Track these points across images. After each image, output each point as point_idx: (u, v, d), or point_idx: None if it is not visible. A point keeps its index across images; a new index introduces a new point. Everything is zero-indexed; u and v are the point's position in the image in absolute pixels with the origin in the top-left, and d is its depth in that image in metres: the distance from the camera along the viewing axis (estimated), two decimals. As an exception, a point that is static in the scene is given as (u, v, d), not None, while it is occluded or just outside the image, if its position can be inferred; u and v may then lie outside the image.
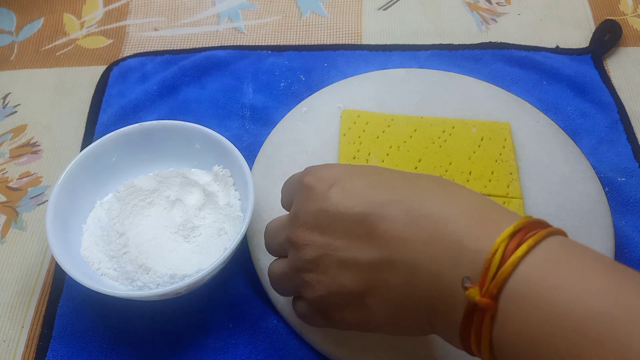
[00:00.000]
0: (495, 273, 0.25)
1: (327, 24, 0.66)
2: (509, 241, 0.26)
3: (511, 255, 0.25)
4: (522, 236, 0.26)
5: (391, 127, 0.51)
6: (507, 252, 0.25)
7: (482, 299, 0.25)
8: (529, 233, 0.26)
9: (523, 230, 0.26)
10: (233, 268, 0.46)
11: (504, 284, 0.25)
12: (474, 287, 0.26)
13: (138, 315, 0.44)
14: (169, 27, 0.66)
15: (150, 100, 0.58)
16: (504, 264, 0.25)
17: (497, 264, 0.25)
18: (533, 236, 0.26)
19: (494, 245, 0.26)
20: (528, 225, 0.26)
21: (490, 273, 0.25)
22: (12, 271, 0.48)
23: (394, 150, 0.49)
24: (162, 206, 0.47)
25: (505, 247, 0.25)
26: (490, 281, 0.25)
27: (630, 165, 0.52)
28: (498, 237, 0.26)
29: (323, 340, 0.41)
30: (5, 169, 0.54)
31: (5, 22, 0.67)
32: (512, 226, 0.26)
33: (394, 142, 0.50)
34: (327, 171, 0.33)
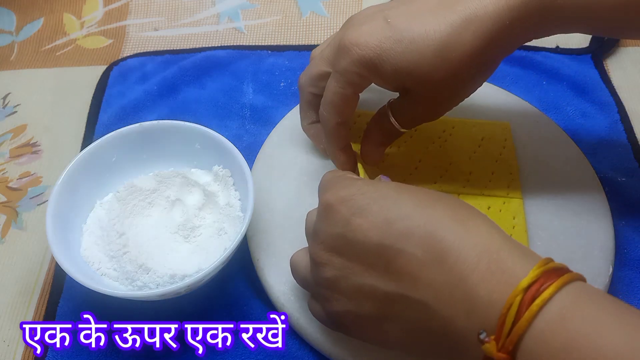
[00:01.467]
0: (511, 329, 0.25)
1: (327, 24, 0.66)
2: (524, 295, 0.25)
3: (526, 311, 0.25)
4: (538, 288, 0.26)
5: None
6: (521, 306, 0.25)
7: (499, 355, 0.25)
8: (544, 284, 0.26)
9: (539, 282, 0.26)
10: (233, 268, 0.46)
11: (519, 341, 0.25)
12: (491, 341, 0.26)
13: (138, 315, 0.44)
14: (169, 27, 0.66)
15: (150, 100, 0.58)
16: (519, 319, 0.25)
17: (512, 319, 0.25)
18: (548, 289, 0.25)
19: (509, 299, 0.26)
20: (544, 275, 0.26)
21: (505, 329, 0.25)
22: (12, 271, 0.48)
23: (394, 151, 0.49)
24: (162, 206, 0.47)
25: (520, 301, 0.25)
26: (506, 337, 0.25)
27: (630, 165, 0.52)
28: (513, 290, 0.26)
29: (323, 340, 0.41)
30: (5, 169, 0.54)
31: (5, 22, 0.67)
32: (527, 279, 0.26)
33: (394, 142, 0.50)
34: (347, 191, 0.33)
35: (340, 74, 0.40)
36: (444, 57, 0.36)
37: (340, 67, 0.39)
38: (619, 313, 0.25)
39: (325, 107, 0.42)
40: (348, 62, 0.39)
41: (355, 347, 0.40)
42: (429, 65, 0.37)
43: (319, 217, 0.34)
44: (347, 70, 0.39)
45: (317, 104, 0.44)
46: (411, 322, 0.30)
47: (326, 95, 0.41)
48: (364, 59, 0.38)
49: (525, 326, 0.25)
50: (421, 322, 0.29)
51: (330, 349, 0.40)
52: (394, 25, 0.38)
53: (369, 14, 0.40)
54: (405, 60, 0.37)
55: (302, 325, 0.41)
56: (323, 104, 0.42)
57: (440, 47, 0.36)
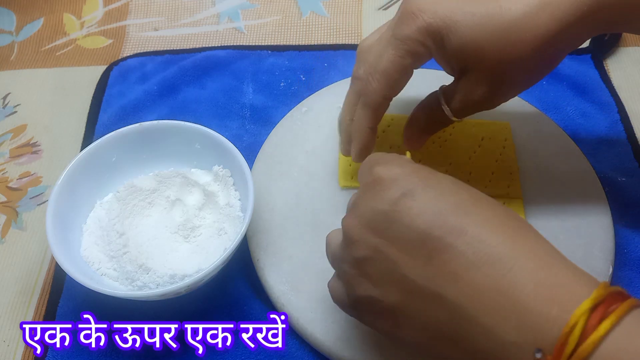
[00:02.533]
0: (574, 350, 0.23)
1: (327, 24, 0.66)
2: (590, 315, 0.24)
3: (593, 332, 0.23)
4: (604, 310, 0.24)
5: (391, 127, 0.51)
6: (588, 327, 0.23)
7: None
8: (611, 307, 0.24)
9: (605, 303, 0.24)
10: (233, 268, 0.46)
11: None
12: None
13: (138, 315, 0.44)
14: (169, 27, 0.66)
15: (150, 100, 0.58)
16: (583, 340, 0.23)
17: (576, 340, 0.23)
18: (615, 311, 0.24)
19: (573, 318, 0.24)
20: (609, 297, 0.24)
21: (567, 349, 0.23)
22: (12, 271, 0.48)
23: (394, 150, 0.49)
24: (162, 206, 0.47)
25: (586, 322, 0.24)
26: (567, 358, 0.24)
27: (630, 165, 0.52)
28: (577, 309, 0.24)
29: (323, 340, 0.41)
30: (5, 169, 0.54)
31: (5, 22, 0.67)
32: (592, 297, 0.24)
33: (394, 141, 0.50)
34: (401, 169, 0.31)
35: (401, 41, 0.36)
36: (517, 37, 0.34)
37: (403, 33, 0.36)
38: None
39: (374, 76, 0.38)
40: (412, 29, 0.36)
41: (356, 347, 0.40)
42: (500, 43, 0.34)
43: (363, 190, 0.32)
44: (410, 37, 0.36)
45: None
46: (435, 322, 0.28)
47: (379, 63, 0.38)
48: (431, 27, 0.36)
49: (592, 349, 0.23)
50: (448, 326, 0.28)
51: (330, 349, 0.40)
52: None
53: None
54: (475, 35, 0.35)
55: (302, 325, 0.41)
56: (372, 73, 0.38)
57: (514, 26, 0.34)
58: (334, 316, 0.41)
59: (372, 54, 0.39)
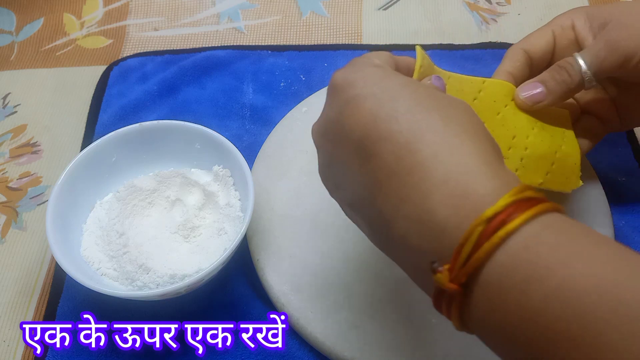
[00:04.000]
0: (466, 260, 0.23)
1: (327, 24, 0.66)
2: (486, 225, 0.23)
3: (486, 242, 0.23)
4: (504, 218, 0.23)
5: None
6: (482, 237, 0.23)
7: (450, 285, 0.24)
8: (512, 215, 0.23)
9: (505, 212, 0.23)
10: (233, 268, 0.46)
11: (474, 273, 0.23)
12: (443, 271, 0.24)
13: (138, 315, 0.44)
14: (169, 27, 0.66)
15: (150, 100, 0.58)
16: (476, 251, 0.23)
17: (469, 251, 0.23)
18: (515, 220, 0.23)
19: (469, 229, 0.23)
20: (513, 205, 0.23)
21: (460, 259, 0.23)
22: (12, 271, 0.48)
23: None
24: (162, 206, 0.47)
25: (481, 232, 0.23)
26: (460, 268, 0.23)
27: (630, 165, 0.52)
28: (475, 219, 0.23)
29: (323, 340, 0.41)
30: (5, 169, 0.54)
31: (5, 22, 0.67)
32: (494, 207, 0.23)
33: None
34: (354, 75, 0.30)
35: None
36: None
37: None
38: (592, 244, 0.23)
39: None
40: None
41: (356, 347, 0.40)
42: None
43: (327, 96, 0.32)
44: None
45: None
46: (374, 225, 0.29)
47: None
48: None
49: (483, 259, 0.23)
50: (379, 229, 0.28)
51: (330, 349, 0.40)
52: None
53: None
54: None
55: (302, 325, 0.41)
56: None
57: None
58: (334, 316, 0.41)
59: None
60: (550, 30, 0.43)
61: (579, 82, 0.39)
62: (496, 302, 0.23)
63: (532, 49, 0.42)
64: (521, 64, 0.42)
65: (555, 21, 0.43)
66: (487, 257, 0.23)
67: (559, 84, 0.39)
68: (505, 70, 0.42)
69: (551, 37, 0.42)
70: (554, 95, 0.39)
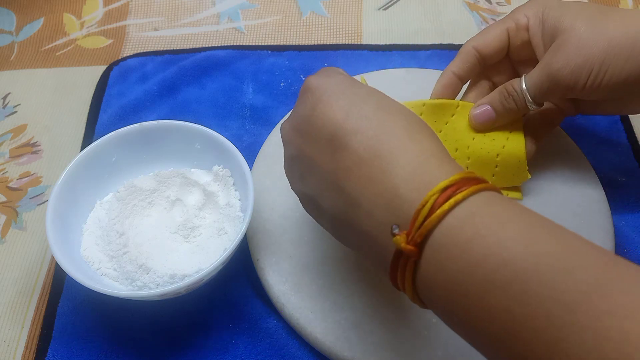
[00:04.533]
0: (422, 223, 0.27)
1: (327, 24, 0.66)
2: (439, 195, 0.27)
3: (438, 208, 0.27)
4: (453, 191, 0.27)
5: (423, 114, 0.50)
6: (435, 204, 0.27)
7: (407, 246, 0.27)
8: (461, 188, 0.28)
9: (455, 185, 0.28)
10: (233, 268, 0.46)
11: (428, 234, 0.27)
12: (401, 234, 0.28)
13: (138, 315, 0.44)
14: (169, 27, 0.66)
15: (150, 100, 0.58)
16: (430, 215, 0.27)
17: (425, 215, 0.27)
18: (463, 192, 0.27)
19: (425, 198, 0.28)
20: (461, 180, 0.28)
21: (417, 223, 0.27)
22: (12, 271, 0.48)
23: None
24: (162, 206, 0.47)
25: (435, 200, 0.27)
26: (416, 230, 0.27)
27: (630, 165, 0.52)
28: (430, 191, 0.28)
29: (323, 340, 0.41)
30: (5, 169, 0.54)
31: (5, 22, 0.67)
32: (446, 181, 0.28)
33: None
34: (326, 80, 0.35)
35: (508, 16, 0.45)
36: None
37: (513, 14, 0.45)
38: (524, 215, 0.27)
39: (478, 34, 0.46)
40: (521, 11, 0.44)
41: (356, 347, 0.40)
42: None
43: (298, 97, 0.36)
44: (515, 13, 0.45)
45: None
46: (338, 210, 0.32)
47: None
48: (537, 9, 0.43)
49: (436, 221, 0.27)
50: (345, 212, 0.32)
51: (330, 349, 0.40)
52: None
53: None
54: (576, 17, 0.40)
55: (302, 325, 0.41)
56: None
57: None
58: (334, 316, 0.41)
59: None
60: (506, 29, 0.44)
61: (524, 107, 0.43)
62: (443, 261, 0.27)
63: (485, 50, 0.45)
64: (470, 65, 0.46)
65: (513, 16, 0.44)
66: (438, 220, 0.27)
67: (506, 110, 0.44)
68: (452, 71, 0.46)
69: (505, 37, 0.45)
70: (502, 119, 0.44)
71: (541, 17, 0.42)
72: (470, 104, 0.48)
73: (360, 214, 0.31)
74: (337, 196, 0.32)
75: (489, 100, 0.44)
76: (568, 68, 0.39)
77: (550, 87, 0.41)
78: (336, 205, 0.32)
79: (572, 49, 0.39)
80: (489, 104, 0.44)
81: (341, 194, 0.32)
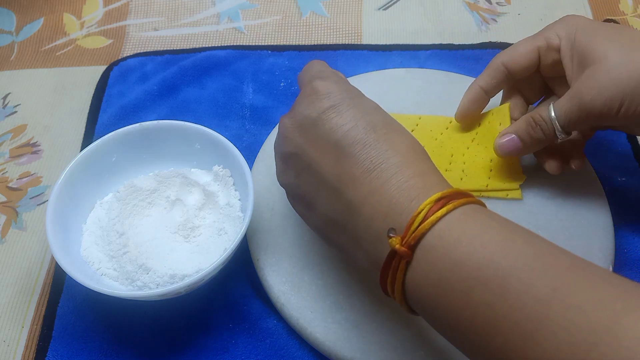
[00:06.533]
0: (416, 228, 0.30)
1: (327, 24, 0.66)
2: (433, 204, 0.30)
3: (432, 216, 0.30)
4: (445, 202, 0.31)
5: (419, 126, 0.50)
6: (429, 212, 0.30)
7: (401, 248, 0.30)
8: (452, 200, 0.31)
9: (447, 198, 0.31)
10: (233, 268, 0.46)
11: (421, 238, 0.30)
12: (397, 237, 0.31)
13: (138, 315, 0.44)
14: (169, 27, 0.66)
15: (150, 100, 0.58)
16: (424, 221, 0.30)
17: (420, 221, 0.30)
18: (453, 202, 0.30)
19: (421, 206, 0.30)
20: (453, 194, 0.31)
21: (412, 228, 0.30)
22: (12, 271, 0.48)
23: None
24: (162, 206, 0.47)
25: (429, 209, 0.30)
26: (411, 234, 0.30)
27: (630, 165, 0.52)
28: (425, 201, 0.31)
29: (323, 340, 0.41)
30: (5, 169, 0.54)
31: (5, 22, 0.67)
32: (439, 193, 0.31)
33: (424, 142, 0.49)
34: (335, 85, 0.36)
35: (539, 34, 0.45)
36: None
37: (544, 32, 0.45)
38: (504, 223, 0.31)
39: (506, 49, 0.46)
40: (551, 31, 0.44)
41: (356, 347, 0.40)
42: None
43: (302, 97, 0.37)
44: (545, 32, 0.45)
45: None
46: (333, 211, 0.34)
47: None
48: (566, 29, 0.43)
49: (429, 226, 0.30)
50: (341, 215, 0.34)
51: (330, 349, 0.40)
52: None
53: None
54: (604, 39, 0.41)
55: (302, 325, 0.41)
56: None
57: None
58: (334, 316, 0.41)
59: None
60: (537, 48, 0.44)
61: (552, 137, 0.43)
62: (432, 261, 0.30)
63: (514, 67, 0.45)
64: (498, 81, 0.46)
65: (545, 34, 0.44)
66: (431, 225, 0.30)
67: (533, 140, 0.43)
68: (479, 86, 0.46)
69: (536, 55, 0.44)
70: (528, 149, 0.44)
71: (573, 40, 0.42)
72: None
73: (357, 219, 0.33)
74: (335, 200, 0.34)
75: (515, 130, 0.44)
76: (600, 100, 0.39)
77: (581, 117, 0.40)
78: (332, 207, 0.34)
79: (605, 81, 0.39)
80: (514, 134, 0.43)
81: (340, 198, 0.34)
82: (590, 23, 0.42)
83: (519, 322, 0.26)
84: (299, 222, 0.46)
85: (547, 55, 0.44)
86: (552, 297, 0.26)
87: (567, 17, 0.44)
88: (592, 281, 0.27)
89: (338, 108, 0.35)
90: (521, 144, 0.43)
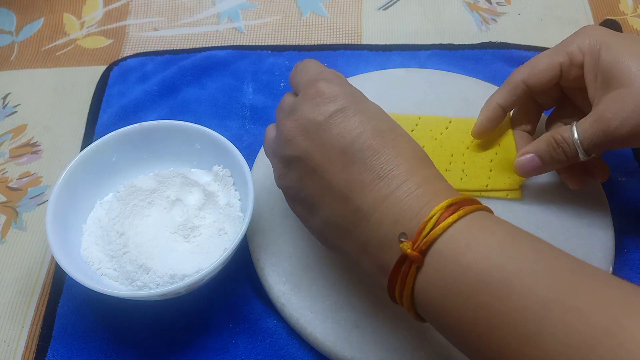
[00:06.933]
0: (428, 234, 0.30)
1: (327, 24, 0.66)
2: (444, 211, 0.31)
3: (443, 221, 0.30)
4: (456, 208, 0.31)
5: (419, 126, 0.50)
6: (440, 218, 0.30)
7: (412, 252, 0.30)
8: (462, 207, 0.31)
9: (457, 204, 0.31)
10: (233, 268, 0.46)
11: (432, 243, 0.30)
12: (408, 242, 0.31)
13: (138, 315, 0.44)
14: (169, 27, 0.66)
15: (150, 100, 0.58)
16: (435, 227, 0.30)
17: (431, 226, 0.30)
18: (464, 209, 0.31)
19: (432, 212, 0.31)
20: (462, 201, 0.32)
21: (423, 233, 0.30)
22: (12, 271, 0.48)
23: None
24: (162, 206, 0.47)
25: (440, 215, 0.31)
26: (422, 239, 0.30)
27: (630, 165, 0.52)
28: (436, 207, 0.31)
29: (323, 340, 0.41)
30: (5, 169, 0.54)
31: (5, 22, 0.67)
32: (450, 199, 0.31)
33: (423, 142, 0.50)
34: (340, 88, 0.35)
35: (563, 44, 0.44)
36: None
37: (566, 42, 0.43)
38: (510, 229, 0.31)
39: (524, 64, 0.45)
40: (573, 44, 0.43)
41: (356, 347, 0.40)
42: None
43: (303, 98, 0.36)
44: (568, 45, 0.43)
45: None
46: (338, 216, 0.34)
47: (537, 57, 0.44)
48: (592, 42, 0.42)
49: (439, 232, 0.30)
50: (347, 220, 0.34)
51: (330, 349, 0.40)
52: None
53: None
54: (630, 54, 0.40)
55: (302, 325, 0.41)
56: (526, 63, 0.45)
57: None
58: (334, 316, 0.41)
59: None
60: (559, 64, 0.43)
61: (574, 158, 0.42)
62: (441, 265, 0.30)
63: (535, 84, 0.44)
64: (516, 99, 0.45)
65: (567, 48, 0.43)
66: (442, 231, 0.30)
67: (554, 160, 0.43)
68: (497, 103, 0.46)
69: (557, 72, 0.43)
70: (548, 168, 0.44)
71: (597, 57, 0.41)
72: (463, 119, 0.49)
73: (365, 225, 0.33)
74: (342, 205, 0.34)
75: (535, 149, 0.43)
76: (627, 127, 0.38)
77: (607, 142, 0.39)
78: (339, 213, 0.34)
79: (632, 108, 0.38)
80: (535, 153, 0.43)
81: (348, 204, 0.33)
82: (615, 38, 0.41)
83: (519, 324, 0.27)
84: (299, 223, 0.46)
85: (569, 71, 0.43)
86: (553, 299, 0.27)
87: (587, 28, 0.43)
88: (592, 284, 0.27)
89: (345, 112, 0.34)
90: (541, 163, 0.43)
